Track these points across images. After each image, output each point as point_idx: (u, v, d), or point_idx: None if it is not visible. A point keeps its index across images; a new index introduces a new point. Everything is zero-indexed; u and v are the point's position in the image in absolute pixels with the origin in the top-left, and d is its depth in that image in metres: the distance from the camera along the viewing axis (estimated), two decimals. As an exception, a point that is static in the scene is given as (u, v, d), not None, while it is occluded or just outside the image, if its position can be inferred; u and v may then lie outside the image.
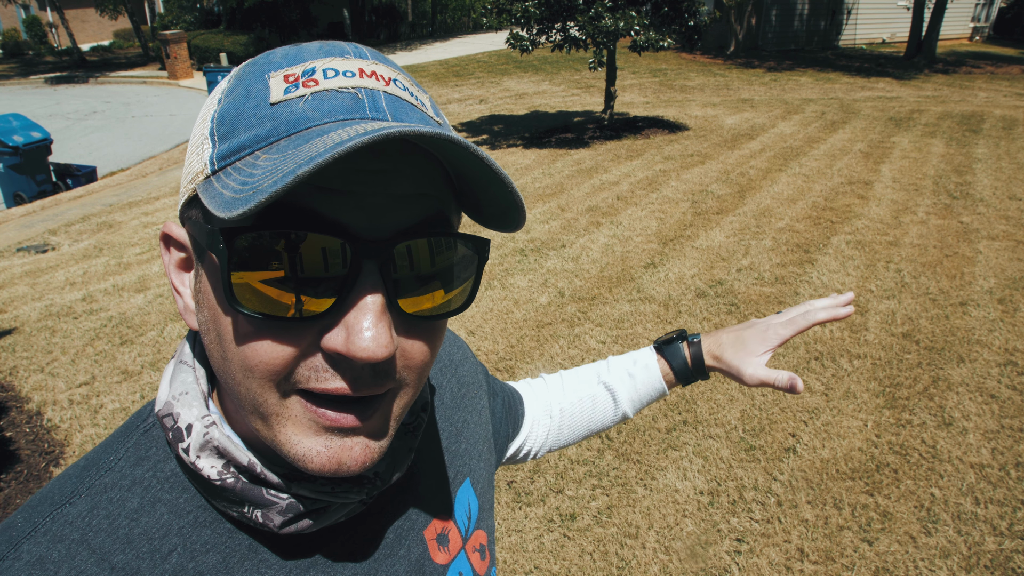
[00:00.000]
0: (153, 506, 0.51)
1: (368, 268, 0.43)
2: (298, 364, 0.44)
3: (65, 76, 23.46)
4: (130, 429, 0.55)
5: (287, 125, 0.43)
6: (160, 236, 0.52)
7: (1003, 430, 3.25)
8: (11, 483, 3.08)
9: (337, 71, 0.45)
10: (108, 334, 4.48)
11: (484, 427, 0.80)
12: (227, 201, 0.39)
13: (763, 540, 2.67)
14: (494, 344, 4.18)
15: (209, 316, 0.47)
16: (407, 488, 0.65)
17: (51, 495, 0.51)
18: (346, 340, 0.42)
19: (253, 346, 0.44)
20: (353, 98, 0.44)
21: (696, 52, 20.03)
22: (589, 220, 6.40)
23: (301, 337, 0.44)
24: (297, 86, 0.44)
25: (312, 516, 0.52)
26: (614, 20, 8.33)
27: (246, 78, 0.47)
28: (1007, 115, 10.98)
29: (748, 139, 9.58)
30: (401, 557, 0.61)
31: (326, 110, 0.43)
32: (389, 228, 0.44)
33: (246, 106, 0.45)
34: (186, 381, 0.53)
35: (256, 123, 0.44)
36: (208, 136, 0.46)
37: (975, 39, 24.03)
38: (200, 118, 0.49)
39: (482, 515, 0.74)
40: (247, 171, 0.41)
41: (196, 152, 0.47)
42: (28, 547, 0.48)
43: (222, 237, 0.41)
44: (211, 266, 0.46)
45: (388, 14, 26.48)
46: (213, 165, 0.44)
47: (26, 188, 9.33)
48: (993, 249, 5.43)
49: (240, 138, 0.44)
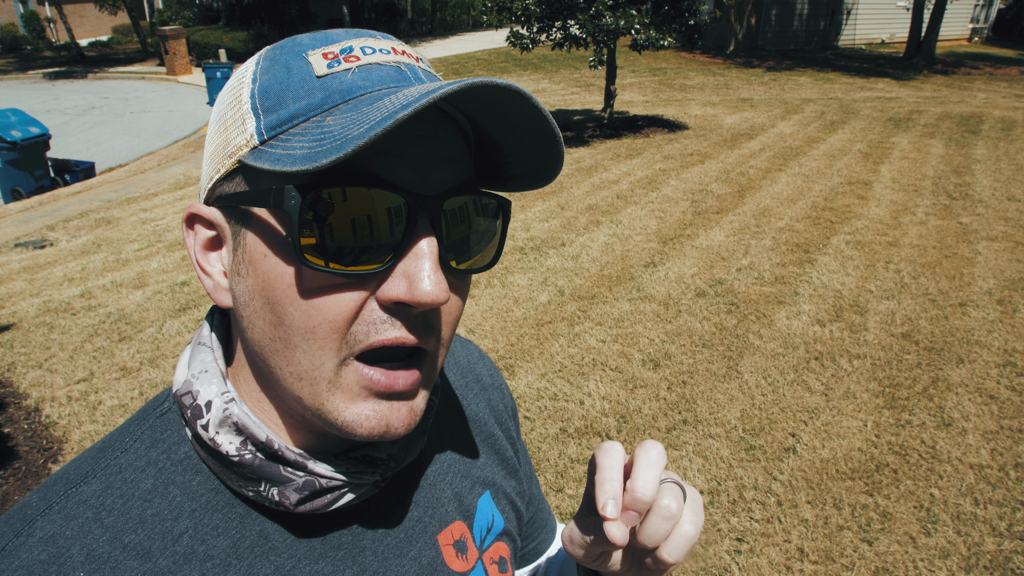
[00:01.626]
0: (166, 488, 0.52)
1: (422, 222, 0.46)
2: (357, 319, 0.46)
3: (63, 71, 23.39)
4: (147, 413, 0.56)
5: (340, 94, 0.46)
6: (184, 218, 0.52)
7: (1002, 431, 3.26)
8: (9, 479, 3.07)
9: (374, 48, 0.49)
10: (106, 330, 4.47)
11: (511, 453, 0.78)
12: (304, 156, 0.41)
13: (763, 540, 2.67)
14: (494, 342, 4.18)
15: (257, 284, 0.48)
16: (421, 490, 0.64)
17: (67, 475, 0.52)
18: (409, 287, 0.45)
19: (315, 304, 0.46)
20: (396, 70, 0.48)
21: (696, 51, 20.04)
22: (589, 219, 6.40)
23: (360, 292, 0.46)
24: (339, 61, 0.47)
25: (327, 495, 0.52)
26: (614, 19, 8.33)
27: (281, 58, 0.49)
28: (1006, 116, 10.99)
29: (748, 139, 9.58)
30: (412, 559, 0.61)
31: (375, 79, 0.47)
32: (437, 186, 0.47)
33: (290, 80, 0.47)
34: (205, 360, 0.54)
35: (306, 94, 0.46)
36: (251, 111, 0.47)
37: (974, 40, 24.06)
38: (228, 100, 0.50)
39: (506, 530, 0.73)
40: (315, 132, 0.43)
41: (235, 128, 0.48)
42: (42, 524, 0.49)
43: (296, 191, 0.43)
44: (263, 230, 0.47)
45: (387, 11, 26.43)
46: (262, 135, 0.46)
47: (24, 183, 9.31)
48: (992, 250, 5.44)
49: (289, 108, 0.46)
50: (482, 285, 5.00)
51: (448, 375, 0.76)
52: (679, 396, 3.58)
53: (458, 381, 0.77)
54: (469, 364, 0.80)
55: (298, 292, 0.46)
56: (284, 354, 0.48)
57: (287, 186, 0.44)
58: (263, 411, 0.53)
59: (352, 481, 0.52)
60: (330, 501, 0.52)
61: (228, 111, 0.50)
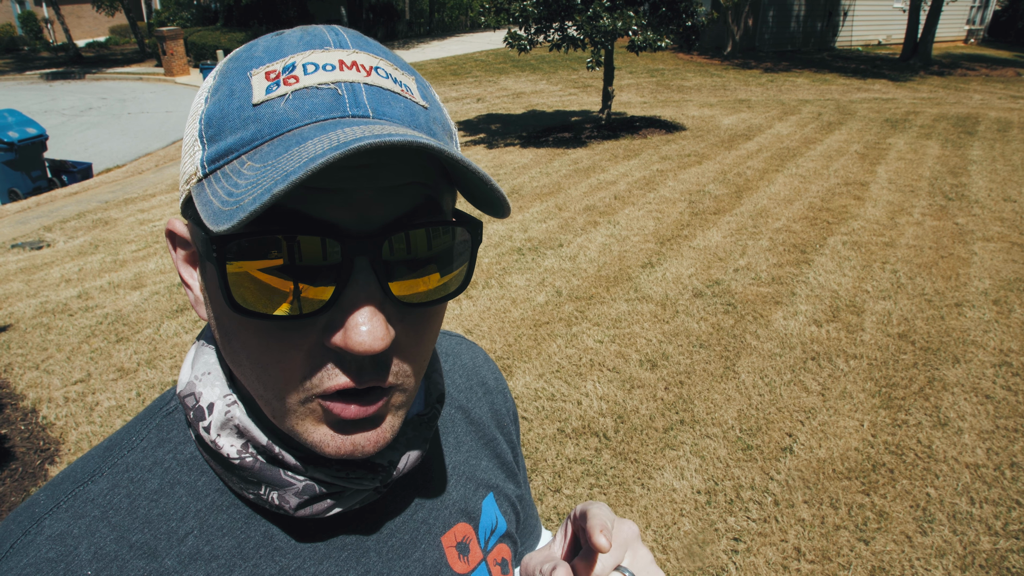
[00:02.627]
0: (172, 488, 0.52)
1: (360, 264, 0.44)
2: (307, 363, 0.45)
3: (61, 72, 23.35)
4: (153, 412, 0.57)
5: (270, 127, 0.43)
6: (165, 232, 0.53)
7: (998, 430, 3.27)
8: (6, 480, 3.07)
9: (317, 65, 0.45)
10: (104, 331, 4.47)
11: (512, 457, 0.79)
12: (215, 212, 0.40)
13: (760, 539, 2.67)
14: (491, 343, 4.18)
15: (214, 313, 0.48)
16: (425, 491, 0.65)
17: (74, 473, 0.53)
18: (344, 336, 0.43)
19: (263, 345, 0.45)
20: (333, 95, 0.44)
21: (693, 52, 20.06)
22: (586, 219, 6.41)
23: (305, 336, 0.45)
24: (278, 84, 0.44)
25: (327, 499, 0.52)
26: (612, 20, 8.34)
27: (229, 75, 0.46)
28: (1002, 117, 11.03)
29: (745, 139, 9.60)
30: (416, 560, 0.61)
31: (307, 110, 0.43)
32: (378, 221, 0.44)
33: (230, 107, 0.45)
34: (208, 362, 0.54)
35: (241, 125, 0.44)
36: (198, 137, 0.46)
37: (970, 41, 24.12)
38: (190, 117, 0.49)
39: (508, 532, 0.74)
40: (233, 179, 0.42)
41: (189, 153, 0.47)
42: (50, 522, 0.49)
43: (214, 246, 0.42)
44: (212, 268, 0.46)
45: (385, 12, 26.44)
46: (204, 168, 0.45)
47: (21, 184, 9.30)
48: (988, 250, 5.45)
49: (227, 141, 0.44)
50: (480, 286, 5.00)
51: (455, 378, 0.77)
52: (676, 396, 3.59)
53: (463, 384, 0.77)
54: (475, 367, 0.80)
55: (246, 333, 0.46)
56: (249, 380, 0.48)
57: (208, 237, 0.43)
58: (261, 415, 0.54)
59: (352, 487, 0.52)
60: (330, 506, 0.52)
61: (188, 129, 0.48)
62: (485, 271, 5.27)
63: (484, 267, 5.35)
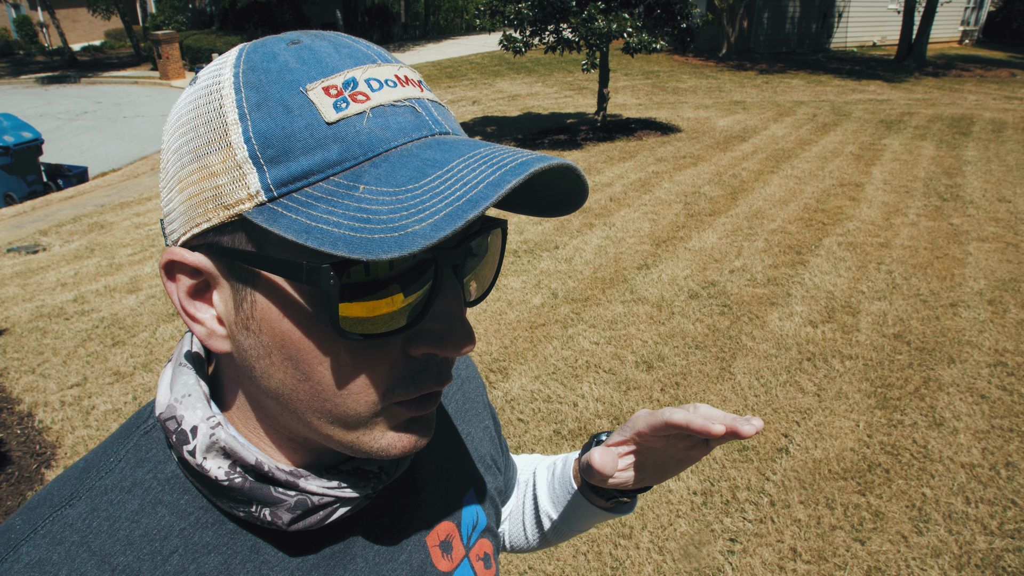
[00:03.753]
0: (154, 508, 0.51)
1: (446, 272, 0.47)
2: (392, 375, 0.47)
3: (56, 76, 23.30)
4: (130, 430, 0.55)
5: (361, 147, 0.42)
6: (162, 265, 0.47)
7: (993, 430, 3.28)
8: (2, 484, 3.06)
9: (380, 82, 0.45)
10: (100, 335, 4.46)
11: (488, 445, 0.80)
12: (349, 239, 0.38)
13: (756, 540, 2.68)
14: (488, 345, 4.18)
15: (275, 342, 0.46)
16: (410, 493, 0.65)
17: (50, 497, 0.51)
18: (440, 341, 0.47)
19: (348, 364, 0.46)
20: (412, 112, 0.45)
21: (688, 54, 20.09)
22: (582, 221, 6.42)
23: (391, 348, 0.47)
24: (347, 101, 0.43)
25: (320, 511, 0.52)
26: (607, 22, 8.36)
27: (271, 89, 0.43)
28: (996, 118, 11.07)
29: (740, 141, 9.62)
30: (403, 563, 0.61)
31: (395, 129, 0.43)
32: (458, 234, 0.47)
33: (294, 126, 0.42)
34: (188, 383, 0.52)
35: (317, 145, 0.42)
36: (249, 159, 0.42)
37: (965, 42, 24.21)
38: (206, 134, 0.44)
39: (488, 527, 0.74)
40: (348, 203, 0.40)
41: (227, 175, 0.43)
42: (28, 549, 0.47)
43: (332, 272, 0.41)
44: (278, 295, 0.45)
45: (381, 15, 26.45)
46: (271, 192, 0.42)
47: (17, 188, 9.28)
48: (983, 251, 5.47)
49: (300, 162, 0.42)
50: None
51: None
52: (672, 397, 3.59)
53: None
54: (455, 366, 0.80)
55: (328, 356, 0.45)
56: (313, 404, 0.47)
57: (324, 266, 0.41)
58: (253, 432, 0.53)
59: (344, 496, 0.52)
60: (323, 518, 0.52)
61: (211, 151, 0.43)
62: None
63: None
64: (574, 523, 0.86)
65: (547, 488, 0.88)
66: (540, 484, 0.89)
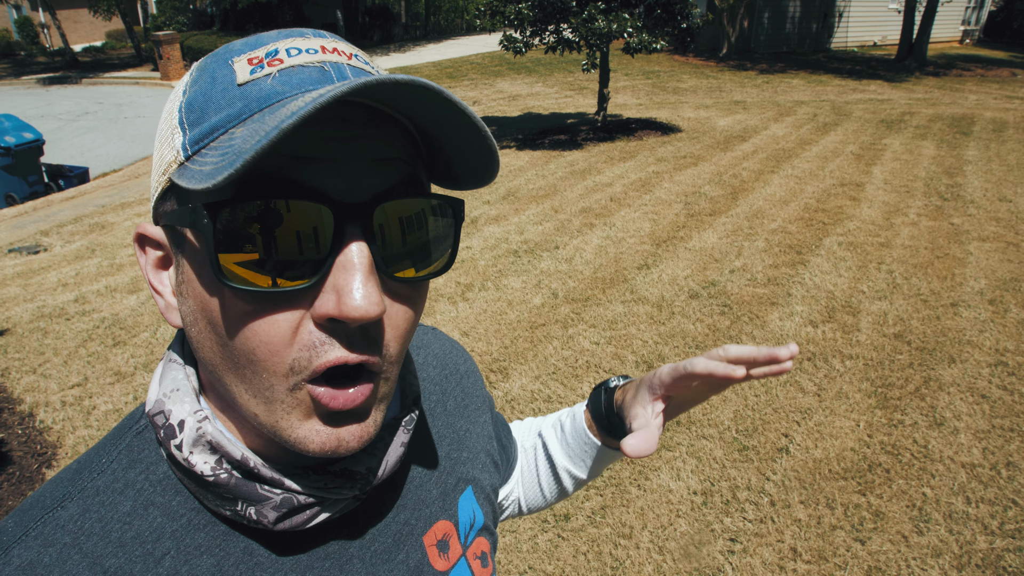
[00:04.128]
0: (146, 509, 0.51)
1: (351, 231, 0.44)
2: (295, 342, 0.44)
3: (57, 77, 23.32)
4: (123, 431, 0.55)
5: (258, 101, 0.44)
6: (134, 238, 0.51)
7: (994, 430, 3.28)
8: (3, 485, 3.06)
9: (300, 49, 0.46)
10: (101, 335, 4.46)
11: (487, 441, 0.79)
12: (207, 173, 0.39)
13: (756, 540, 2.68)
14: (488, 345, 4.18)
15: (196, 305, 0.46)
16: (406, 492, 0.64)
17: (42, 499, 0.51)
18: (337, 303, 0.43)
19: (250, 327, 0.44)
20: (319, 70, 0.45)
21: (689, 54, 20.09)
22: (582, 221, 6.42)
23: (294, 311, 0.44)
24: (263, 66, 0.45)
25: (306, 511, 0.51)
26: (607, 22, 8.36)
27: (209, 67, 0.47)
28: (997, 117, 11.06)
29: (740, 141, 9.62)
30: (399, 563, 0.61)
31: (295, 83, 0.44)
32: (367, 192, 0.45)
33: (213, 91, 0.45)
34: (176, 378, 0.52)
35: (226, 104, 0.44)
36: (177, 125, 0.46)
37: (965, 42, 24.19)
38: (165, 114, 0.49)
39: (486, 525, 0.74)
40: (223, 146, 0.42)
41: (166, 144, 0.47)
42: (19, 551, 0.47)
43: (206, 212, 0.41)
44: (192, 252, 0.46)
45: (381, 15, 26.46)
46: (187, 151, 0.44)
47: (18, 189, 9.29)
48: (984, 250, 5.47)
49: (211, 120, 0.44)
50: (476, 288, 5.01)
51: (429, 370, 0.76)
52: (673, 397, 3.59)
53: (438, 375, 0.76)
54: (445, 355, 0.79)
55: (230, 314, 0.44)
56: (235, 374, 0.46)
57: (198, 205, 0.42)
58: (237, 427, 0.52)
59: (331, 496, 0.52)
60: (309, 517, 0.52)
61: (164, 125, 0.48)
62: (481, 273, 5.27)
63: (480, 269, 5.35)
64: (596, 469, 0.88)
65: (560, 446, 0.89)
66: (552, 444, 0.90)
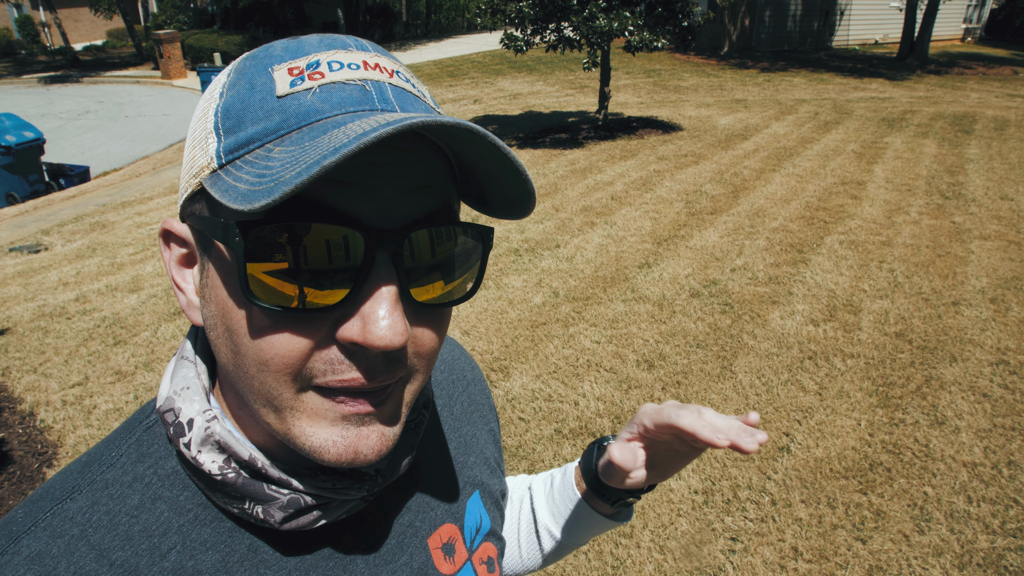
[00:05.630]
0: (153, 503, 0.51)
1: (381, 258, 0.44)
2: (312, 357, 0.44)
3: (58, 76, 23.34)
4: (133, 426, 0.55)
5: (297, 118, 0.43)
6: (160, 233, 0.51)
7: (995, 429, 3.27)
8: (4, 484, 3.06)
9: (342, 63, 0.46)
10: (101, 334, 4.46)
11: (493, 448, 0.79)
12: (244, 194, 0.39)
13: (757, 539, 2.67)
14: (489, 344, 4.18)
15: (217, 310, 0.47)
16: (412, 494, 0.64)
17: (52, 490, 0.51)
18: (362, 330, 0.43)
19: (268, 339, 0.44)
20: (361, 90, 0.45)
21: (690, 53, 20.07)
22: (583, 220, 6.41)
23: (316, 329, 0.44)
24: (303, 79, 0.44)
25: (313, 512, 0.51)
26: (608, 21, 8.34)
27: (248, 71, 0.46)
28: (999, 116, 11.04)
29: (742, 139, 9.61)
30: (403, 564, 0.61)
31: (335, 102, 0.44)
32: (400, 219, 0.45)
33: (252, 99, 0.45)
34: (187, 376, 0.52)
35: (264, 116, 0.44)
36: (212, 130, 0.45)
37: (967, 40, 24.15)
38: (200, 113, 0.48)
39: (493, 530, 0.73)
40: (261, 164, 0.41)
41: (199, 147, 0.46)
42: (28, 542, 0.48)
43: (238, 230, 0.41)
44: (220, 260, 0.46)
45: (382, 14, 26.44)
46: (220, 159, 0.44)
47: (19, 188, 9.29)
48: (985, 249, 5.46)
49: (248, 131, 0.44)
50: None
51: (436, 375, 0.76)
52: (673, 396, 3.59)
53: (445, 380, 0.76)
54: (452, 361, 0.79)
55: (250, 326, 0.44)
56: (245, 380, 0.46)
57: (231, 223, 0.42)
58: (248, 427, 0.52)
59: (338, 497, 0.52)
60: (316, 518, 0.52)
61: (198, 125, 0.48)
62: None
63: (481, 268, 5.35)
64: (575, 534, 0.84)
65: (546, 501, 0.86)
66: (538, 498, 0.87)
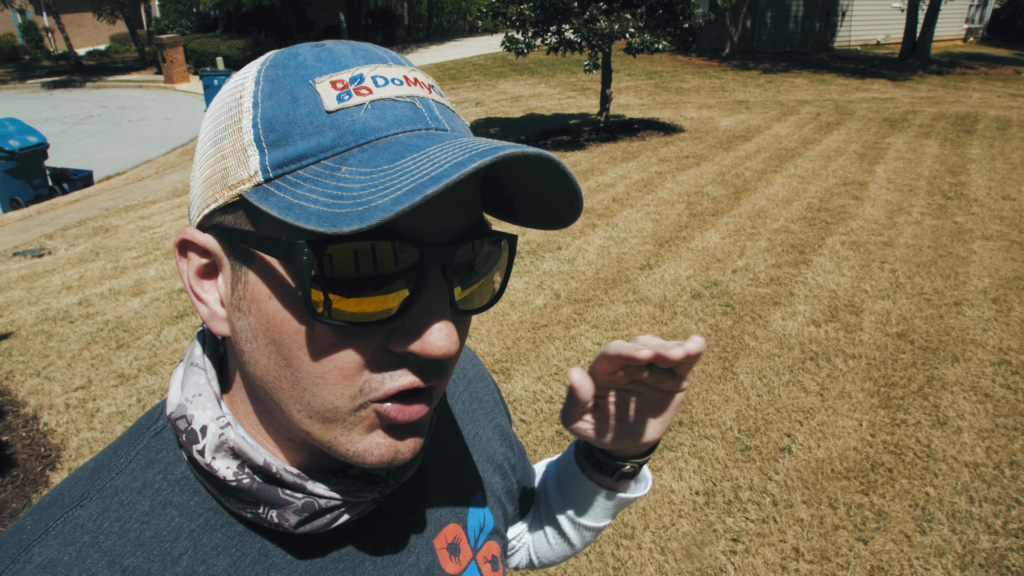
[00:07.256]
0: (164, 509, 0.51)
1: (434, 271, 0.46)
2: (369, 367, 0.46)
3: (62, 80, 23.44)
4: (140, 431, 0.55)
5: (353, 135, 0.43)
6: (176, 243, 0.50)
7: (997, 429, 3.27)
8: (7, 487, 3.08)
9: (386, 79, 0.46)
10: (104, 338, 4.48)
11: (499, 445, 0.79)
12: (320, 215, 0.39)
13: (759, 540, 2.67)
14: (490, 346, 4.19)
15: (259, 324, 0.47)
16: (417, 496, 0.65)
17: (61, 497, 0.51)
18: (420, 340, 0.45)
19: (328, 353, 0.45)
20: (412, 107, 0.46)
21: (691, 54, 20.07)
22: (585, 222, 6.41)
23: (370, 340, 0.46)
24: (349, 94, 0.45)
25: (327, 515, 0.52)
26: (609, 23, 8.35)
27: (284, 81, 0.46)
28: (1001, 116, 11.02)
29: (743, 140, 9.61)
30: (410, 566, 0.62)
31: (391, 120, 0.45)
32: (448, 233, 0.46)
33: (297, 113, 0.44)
34: (198, 383, 0.53)
35: (314, 131, 0.43)
36: (253, 142, 0.44)
37: (969, 40, 24.12)
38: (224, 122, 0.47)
39: (496, 528, 0.74)
40: (329, 183, 0.41)
41: (235, 158, 0.45)
42: (39, 550, 0.48)
43: (308, 248, 0.42)
44: (266, 273, 0.46)
45: (384, 17, 26.50)
46: (267, 173, 0.44)
47: (22, 192, 9.34)
48: (987, 249, 5.45)
49: (298, 146, 0.43)
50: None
51: None
52: (675, 398, 3.58)
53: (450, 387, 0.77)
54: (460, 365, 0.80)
55: (306, 339, 0.45)
56: (292, 393, 0.47)
57: (299, 241, 0.42)
58: (260, 433, 0.53)
59: (351, 500, 0.53)
60: (330, 521, 0.52)
61: (226, 135, 0.46)
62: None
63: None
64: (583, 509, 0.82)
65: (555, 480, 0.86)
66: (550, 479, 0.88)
